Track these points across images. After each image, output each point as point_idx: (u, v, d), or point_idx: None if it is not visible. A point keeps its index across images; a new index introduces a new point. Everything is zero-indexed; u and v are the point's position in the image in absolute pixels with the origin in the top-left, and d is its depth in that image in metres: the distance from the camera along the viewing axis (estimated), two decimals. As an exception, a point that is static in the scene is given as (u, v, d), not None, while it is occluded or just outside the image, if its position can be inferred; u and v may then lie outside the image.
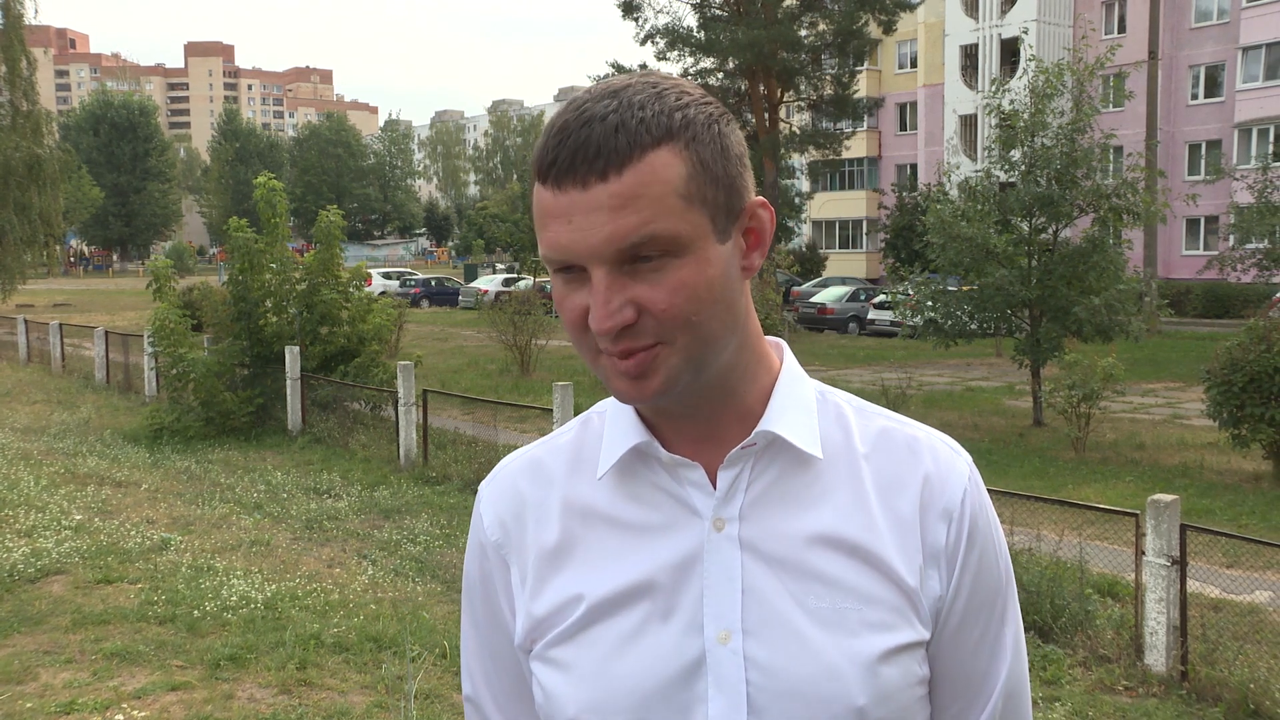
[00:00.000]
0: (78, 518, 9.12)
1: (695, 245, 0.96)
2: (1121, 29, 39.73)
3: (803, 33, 31.69)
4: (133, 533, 8.61)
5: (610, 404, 1.14)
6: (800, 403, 1.09)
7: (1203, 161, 36.99)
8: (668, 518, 1.07)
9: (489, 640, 1.18)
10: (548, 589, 1.10)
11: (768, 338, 1.13)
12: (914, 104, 47.54)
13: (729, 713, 1.01)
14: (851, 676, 1.00)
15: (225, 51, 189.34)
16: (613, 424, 1.11)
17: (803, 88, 33.24)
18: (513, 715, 1.19)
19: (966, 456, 1.11)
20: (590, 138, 0.94)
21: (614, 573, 1.06)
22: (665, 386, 0.99)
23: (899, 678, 1.02)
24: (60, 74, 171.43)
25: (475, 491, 9.48)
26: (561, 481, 1.13)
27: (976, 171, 15.22)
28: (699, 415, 1.07)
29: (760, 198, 1.05)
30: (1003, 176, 14.81)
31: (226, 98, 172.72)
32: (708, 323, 0.98)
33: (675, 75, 1.03)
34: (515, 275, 43.11)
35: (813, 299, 33.41)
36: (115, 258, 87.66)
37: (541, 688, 1.09)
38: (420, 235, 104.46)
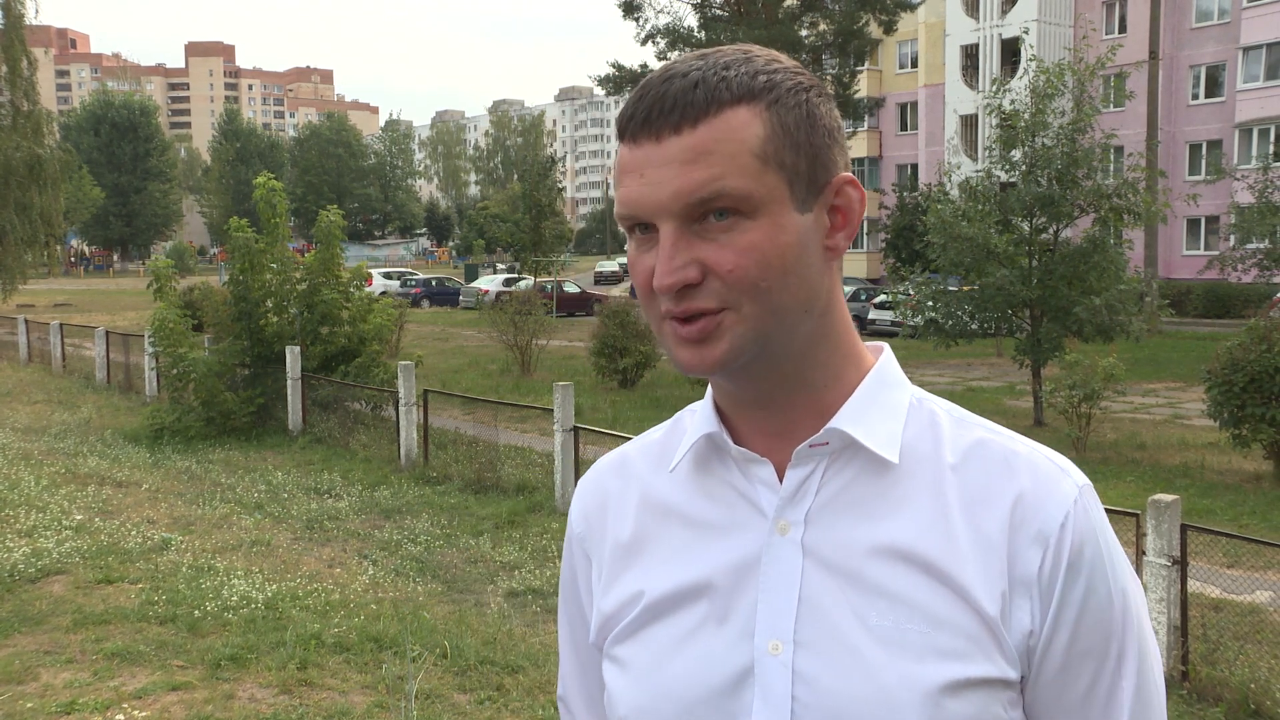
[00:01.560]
0: (78, 518, 9.12)
1: (769, 208, 0.92)
2: (1122, 29, 39.72)
3: (803, 33, 31.72)
4: (133, 533, 8.62)
5: (701, 402, 1.09)
6: (886, 405, 1.01)
7: (1203, 161, 36.98)
8: (733, 516, 1.02)
9: (576, 639, 1.16)
10: (617, 584, 1.07)
11: (871, 343, 1.07)
12: (914, 104, 47.54)
13: None
14: (908, 704, 0.91)
15: (226, 51, 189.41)
16: (696, 419, 1.07)
17: (803, 88, 33.21)
18: (602, 716, 1.14)
19: (1079, 478, 0.98)
20: (669, 92, 0.92)
21: (674, 571, 1.02)
22: (728, 356, 0.94)
23: (969, 716, 0.92)
24: (61, 74, 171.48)
25: (475, 492, 9.49)
26: (643, 476, 1.10)
27: (977, 171, 15.22)
28: (773, 405, 1.00)
29: (849, 175, 0.99)
30: (1003, 176, 14.80)
31: (227, 98, 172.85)
32: (778, 293, 0.93)
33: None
34: (516, 275, 43.13)
35: (813, 299, 33.36)
36: (116, 258, 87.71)
37: (606, 687, 1.06)
38: (421, 235, 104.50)
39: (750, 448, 1.01)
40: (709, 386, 1.08)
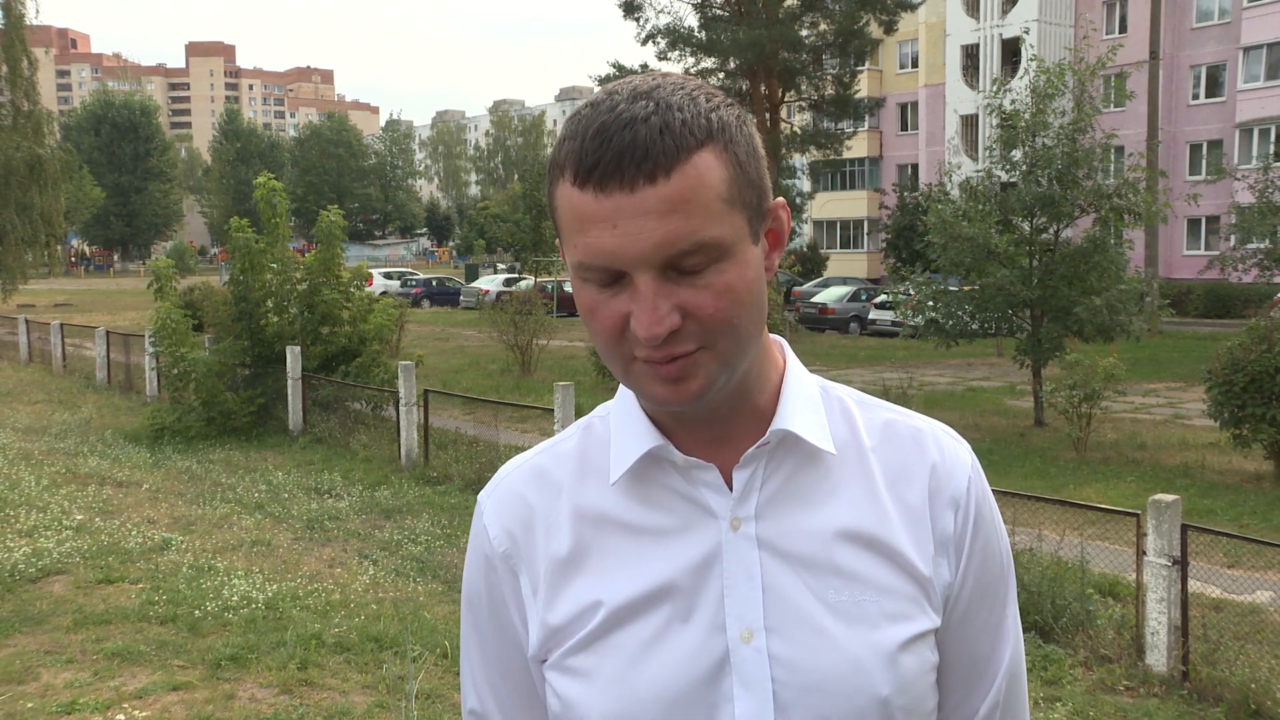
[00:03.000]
0: (79, 518, 9.12)
1: (736, 248, 0.96)
2: (1123, 29, 39.72)
3: (804, 33, 31.68)
4: (134, 533, 8.62)
5: (613, 408, 1.12)
6: (808, 400, 1.09)
7: (1204, 161, 36.98)
8: (683, 520, 1.06)
9: (496, 653, 1.15)
10: (563, 597, 1.08)
11: (770, 335, 1.13)
12: (915, 104, 47.53)
13: (756, 711, 1.01)
14: (874, 668, 1.01)
15: (226, 51, 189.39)
16: (620, 429, 1.09)
17: (804, 88, 33.24)
18: None
19: (966, 445, 1.13)
20: (636, 139, 0.92)
21: (632, 578, 1.05)
22: (704, 389, 0.98)
23: (916, 666, 1.04)
24: (61, 74, 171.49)
25: (476, 492, 9.44)
26: (570, 489, 1.11)
27: (977, 171, 15.21)
28: (715, 417, 1.06)
29: (780, 199, 1.05)
30: (1004, 176, 14.80)
31: (227, 98, 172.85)
32: (745, 325, 0.98)
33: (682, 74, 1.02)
34: (516, 275, 43.12)
35: (814, 299, 33.42)
36: (116, 258, 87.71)
37: (559, 697, 1.07)
38: (421, 235, 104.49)
39: (690, 455, 1.06)
40: (623, 392, 1.10)
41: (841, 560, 1.04)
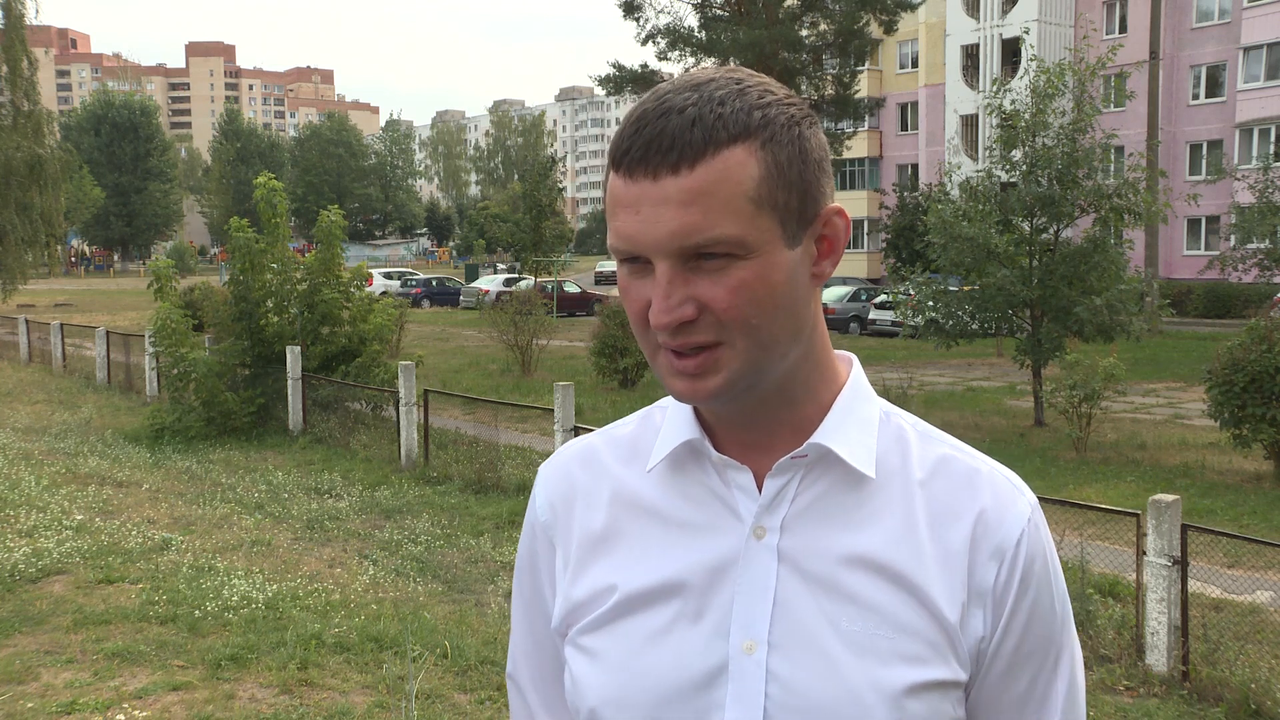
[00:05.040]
0: (79, 518, 9.12)
1: (762, 249, 0.95)
2: (1123, 29, 39.72)
3: (804, 33, 31.68)
4: (134, 533, 8.62)
5: (672, 400, 1.12)
6: (860, 420, 1.06)
7: (1204, 161, 36.98)
8: (710, 518, 1.05)
9: (532, 620, 1.19)
10: (587, 575, 1.09)
11: (839, 351, 1.11)
12: (915, 104, 47.52)
13: None
14: (875, 706, 0.97)
15: (226, 51, 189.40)
16: (671, 420, 1.10)
17: (804, 88, 33.22)
18: (548, 697, 1.19)
19: (1031, 497, 1.06)
20: (666, 129, 0.93)
21: (650, 568, 1.06)
22: (723, 388, 0.98)
23: (926, 715, 0.98)
24: (61, 74, 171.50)
25: (476, 492, 9.48)
26: (614, 471, 1.13)
27: (978, 171, 15.21)
28: (755, 422, 1.05)
29: (837, 205, 1.02)
30: (1004, 176, 14.80)
31: (228, 98, 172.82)
32: (769, 327, 0.96)
33: (760, 74, 1.02)
34: (516, 275, 43.11)
35: (814, 299, 33.37)
36: (116, 258, 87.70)
37: (571, 674, 1.09)
38: (421, 235, 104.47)
39: (728, 455, 1.05)
40: None
41: (861, 589, 1.00)
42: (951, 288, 14.91)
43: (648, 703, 1.02)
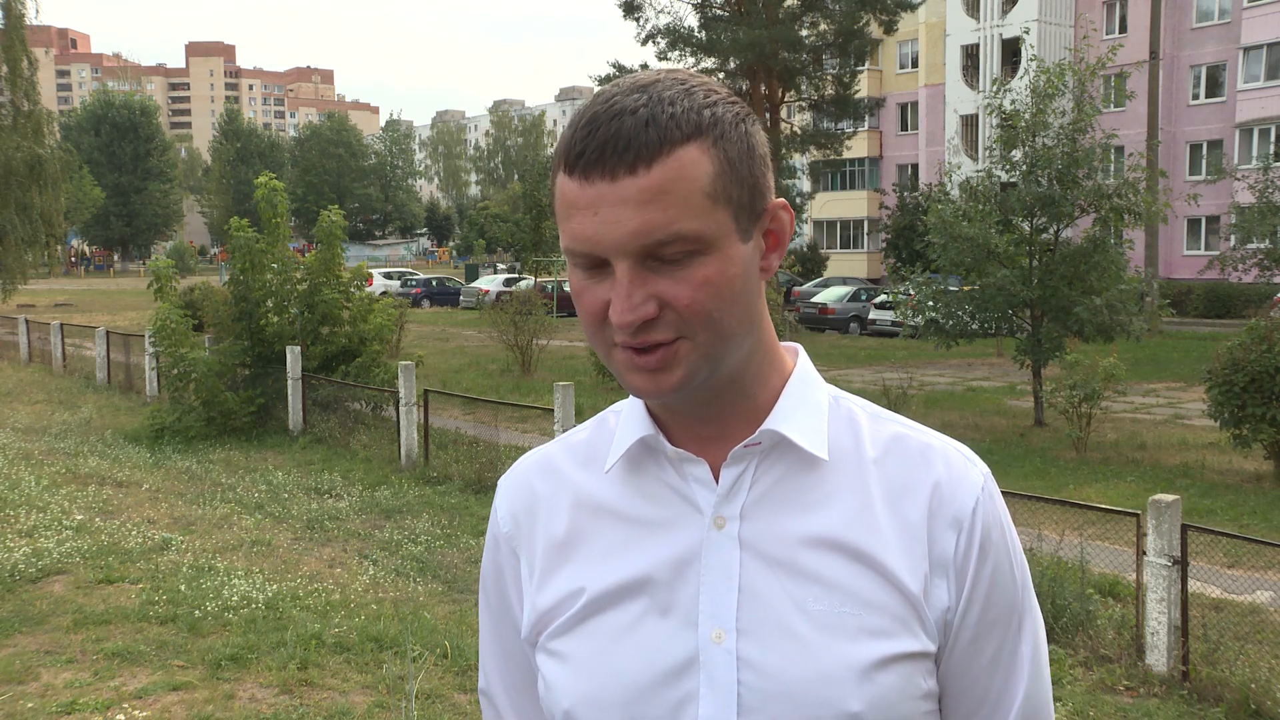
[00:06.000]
0: (79, 518, 9.12)
1: (719, 243, 0.97)
2: (1123, 29, 39.72)
3: (804, 33, 31.70)
4: (134, 533, 8.62)
5: (625, 404, 1.14)
6: (810, 405, 1.08)
7: (1204, 161, 36.98)
8: (671, 513, 1.07)
9: (501, 633, 1.20)
10: (552, 581, 1.10)
11: (785, 343, 1.13)
12: (915, 104, 47.53)
13: (719, 712, 1.00)
14: (846, 681, 0.99)
15: (226, 51, 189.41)
16: (625, 420, 1.12)
17: (804, 88, 33.26)
18: (523, 708, 1.20)
19: (983, 467, 1.09)
20: (620, 130, 0.94)
21: (615, 567, 1.07)
22: (683, 382, 0.99)
23: (898, 687, 1.00)
24: (61, 74, 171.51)
25: (476, 492, 9.48)
26: (573, 476, 1.14)
27: (978, 171, 15.22)
28: (708, 413, 1.07)
29: (781, 199, 1.05)
30: (1004, 176, 14.80)
31: (228, 98, 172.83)
32: (727, 320, 0.98)
33: (698, 74, 1.03)
34: (516, 275, 43.12)
35: (814, 299, 33.41)
36: (116, 258, 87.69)
37: (544, 679, 1.10)
38: (421, 235, 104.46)
39: (684, 449, 1.07)
40: None
41: (824, 569, 1.02)
42: (951, 288, 14.91)
43: (621, 699, 1.03)
